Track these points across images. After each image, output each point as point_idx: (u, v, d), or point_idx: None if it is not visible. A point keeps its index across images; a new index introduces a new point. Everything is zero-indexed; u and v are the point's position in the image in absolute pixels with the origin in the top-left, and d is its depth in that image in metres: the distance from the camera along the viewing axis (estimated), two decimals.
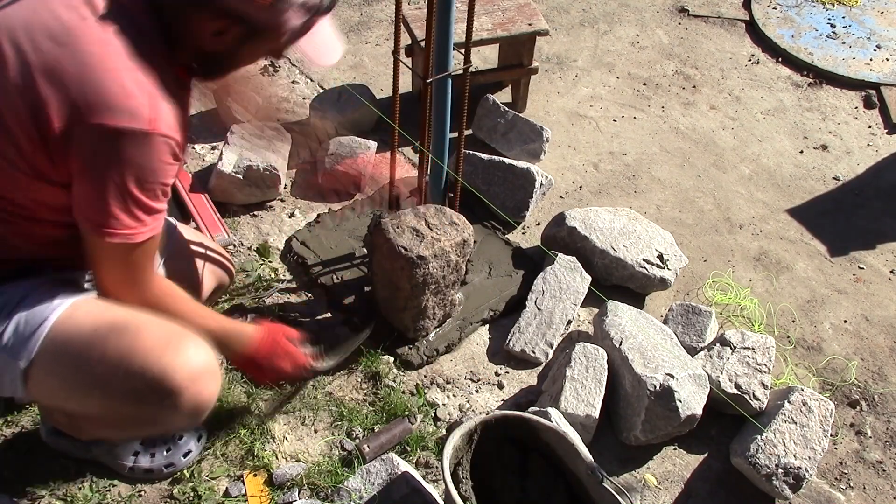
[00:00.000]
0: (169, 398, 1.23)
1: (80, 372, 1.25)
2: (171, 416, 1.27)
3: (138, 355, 1.22)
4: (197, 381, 1.25)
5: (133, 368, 1.22)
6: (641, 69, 3.45)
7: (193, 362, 1.25)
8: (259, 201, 2.51)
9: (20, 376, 1.25)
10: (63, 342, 1.25)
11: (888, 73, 3.47)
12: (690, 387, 1.86)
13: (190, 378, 1.24)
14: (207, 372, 1.28)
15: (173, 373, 1.22)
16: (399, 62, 1.98)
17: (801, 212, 2.79)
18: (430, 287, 1.95)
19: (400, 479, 1.66)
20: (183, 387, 1.23)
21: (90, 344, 1.24)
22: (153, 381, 1.22)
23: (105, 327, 1.25)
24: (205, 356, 1.28)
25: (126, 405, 1.26)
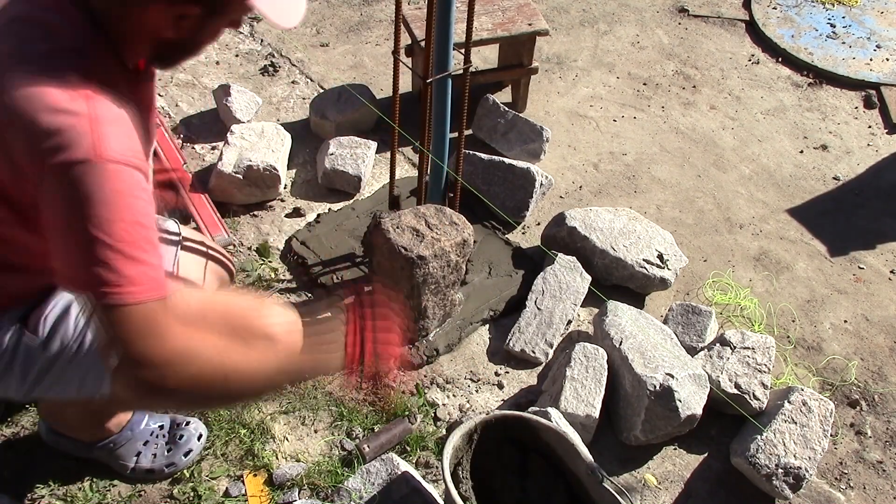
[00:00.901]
0: (272, 342, 1.29)
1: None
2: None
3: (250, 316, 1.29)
4: (292, 332, 1.32)
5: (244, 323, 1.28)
6: (641, 69, 3.45)
7: (286, 316, 1.33)
8: (259, 201, 2.51)
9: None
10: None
11: (888, 73, 3.47)
12: (690, 387, 1.86)
13: (286, 331, 1.31)
14: (297, 328, 1.34)
15: (272, 326, 1.30)
16: (399, 62, 1.98)
17: (801, 212, 2.79)
18: (430, 287, 1.95)
19: (400, 479, 1.66)
20: (280, 337, 1.30)
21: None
22: (260, 331, 1.28)
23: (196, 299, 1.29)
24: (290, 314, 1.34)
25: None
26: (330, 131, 2.76)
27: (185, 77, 3.07)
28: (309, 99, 2.96)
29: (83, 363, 1.28)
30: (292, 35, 3.43)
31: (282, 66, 3.19)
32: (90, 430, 1.66)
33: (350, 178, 2.55)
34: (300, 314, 1.37)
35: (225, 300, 1.37)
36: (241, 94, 2.78)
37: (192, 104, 2.94)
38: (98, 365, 1.27)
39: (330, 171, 2.55)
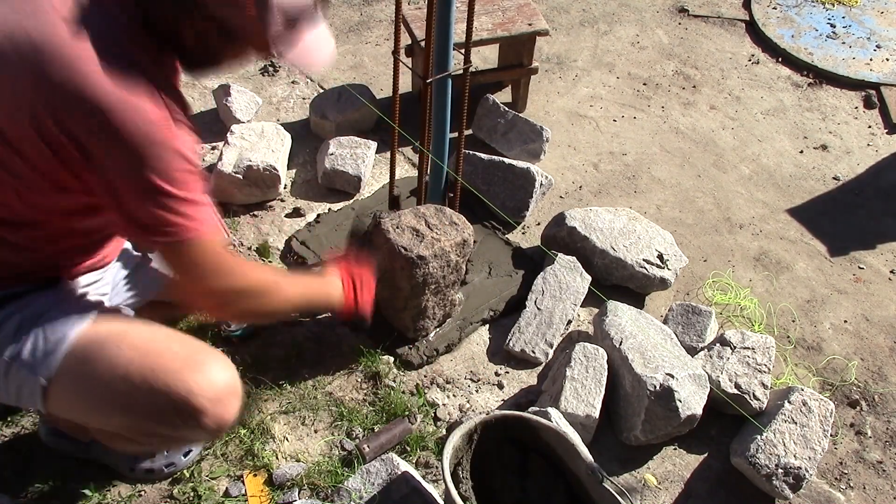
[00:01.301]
0: (192, 419, 1.22)
1: (102, 390, 1.23)
2: (193, 434, 1.27)
3: (161, 375, 1.21)
4: (220, 401, 1.24)
5: (157, 388, 1.20)
6: (641, 69, 3.45)
7: (217, 383, 1.25)
8: (259, 201, 2.51)
9: (40, 392, 1.24)
10: (84, 360, 1.23)
11: (888, 73, 3.47)
12: (690, 387, 1.86)
13: (214, 399, 1.23)
14: (230, 392, 1.27)
15: (198, 394, 1.21)
16: (399, 62, 1.98)
17: (801, 212, 2.79)
18: (430, 287, 1.95)
19: (400, 479, 1.66)
20: (207, 408, 1.22)
21: (112, 362, 1.22)
22: (177, 402, 1.20)
23: (126, 346, 1.24)
24: (227, 375, 1.28)
25: (148, 424, 1.25)
26: (330, 131, 2.76)
27: (185, 77, 3.07)
28: (309, 99, 2.96)
29: (16, 377, 1.24)
30: None
31: (282, 66, 3.19)
32: (85, 432, 1.65)
33: (350, 178, 2.55)
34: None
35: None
36: (241, 94, 2.78)
37: (192, 104, 2.94)
38: (27, 381, 1.24)
39: (330, 171, 2.55)
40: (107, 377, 1.22)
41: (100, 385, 1.23)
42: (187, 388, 1.20)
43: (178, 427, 1.23)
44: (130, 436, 1.32)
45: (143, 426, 1.25)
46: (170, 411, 1.21)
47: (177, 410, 1.21)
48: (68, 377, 1.23)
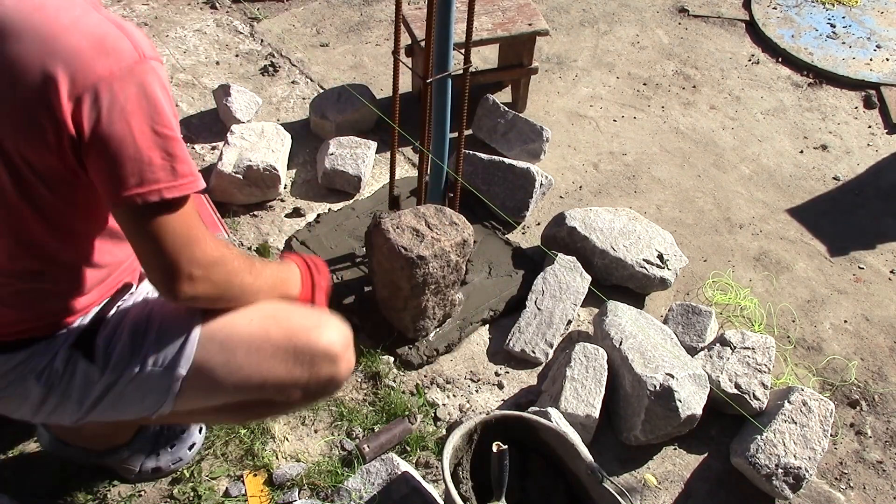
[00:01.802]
0: (334, 365, 1.34)
1: (250, 358, 1.29)
2: (330, 383, 1.37)
3: (301, 333, 1.32)
4: (348, 348, 1.37)
5: (300, 344, 1.31)
6: (641, 69, 3.45)
7: (343, 335, 1.37)
8: (259, 201, 2.52)
9: (176, 388, 1.28)
10: (223, 338, 1.29)
11: (888, 73, 3.47)
12: (690, 387, 1.86)
13: (344, 346, 1.36)
14: (350, 340, 1.39)
15: (335, 343, 1.34)
16: (399, 62, 1.98)
17: (801, 212, 2.79)
18: (430, 287, 1.95)
19: (400, 479, 1.66)
20: (342, 355, 1.35)
21: (252, 332, 1.30)
22: (321, 352, 1.32)
23: (258, 317, 1.31)
24: (347, 329, 1.39)
25: (293, 378, 1.33)
26: (330, 131, 2.76)
27: (185, 77, 3.08)
28: (309, 99, 2.96)
29: (143, 384, 1.27)
30: (292, 35, 3.43)
31: (282, 66, 3.19)
32: (107, 440, 1.65)
33: (350, 178, 2.55)
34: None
35: None
36: (241, 94, 2.78)
37: (192, 104, 2.94)
38: (159, 383, 1.27)
39: (330, 171, 2.55)
40: (251, 346, 1.30)
41: (245, 355, 1.30)
42: (327, 341, 1.33)
43: (320, 376, 1.34)
44: (273, 397, 1.36)
45: (289, 383, 1.33)
46: (315, 362, 1.32)
47: (321, 360, 1.33)
48: (209, 360, 1.28)
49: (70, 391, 1.26)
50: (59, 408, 1.28)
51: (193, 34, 3.34)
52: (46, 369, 1.25)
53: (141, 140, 1.07)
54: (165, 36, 3.31)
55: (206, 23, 3.43)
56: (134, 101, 1.06)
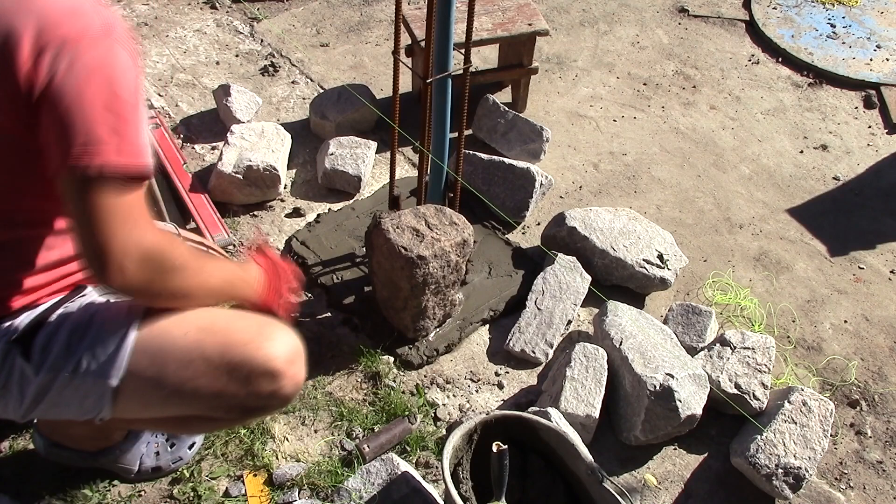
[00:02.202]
0: (273, 382, 1.27)
1: (178, 374, 1.25)
2: (272, 400, 1.31)
3: (237, 348, 1.25)
4: (293, 363, 1.29)
5: (235, 361, 1.25)
6: (641, 69, 3.45)
7: (288, 347, 1.30)
8: (259, 201, 2.51)
9: (110, 396, 1.25)
10: (152, 351, 1.25)
11: (888, 73, 3.47)
12: (690, 387, 1.86)
13: (288, 361, 1.28)
14: (298, 354, 1.32)
15: (274, 358, 1.26)
16: (399, 62, 1.98)
17: (801, 212, 2.79)
18: (430, 287, 1.95)
19: (400, 479, 1.66)
20: (285, 370, 1.27)
21: (183, 346, 1.25)
22: (258, 369, 1.25)
23: (191, 329, 1.26)
24: (293, 340, 1.32)
25: (229, 396, 1.28)
26: (330, 131, 2.76)
27: (185, 77, 3.08)
28: (309, 99, 2.96)
29: (80, 386, 1.25)
30: (292, 35, 3.43)
31: (282, 66, 3.19)
32: (96, 441, 1.65)
33: (350, 178, 2.55)
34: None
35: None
36: (241, 94, 2.78)
37: (192, 104, 2.94)
38: (93, 389, 1.24)
39: (330, 171, 2.55)
40: (182, 360, 1.25)
41: (176, 370, 1.25)
42: (265, 356, 1.26)
43: (259, 392, 1.27)
44: (208, 413, 1.32)
45: (224, 400, 1.28)
46: (251, 378, 1.26)
47: (258, 376, 1.26)
48: (140, 372, 1.25)
49: (10, 386, 1.24)
50: (2, 400, 1.26)
51: (193, 34, 3.34)
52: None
53: (91, 109, 1.05)
54: (165, 36, 3.31)
55: (206, 23, 3.43)
56: (93, 69, 1.06)
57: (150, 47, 3.22)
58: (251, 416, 1.38)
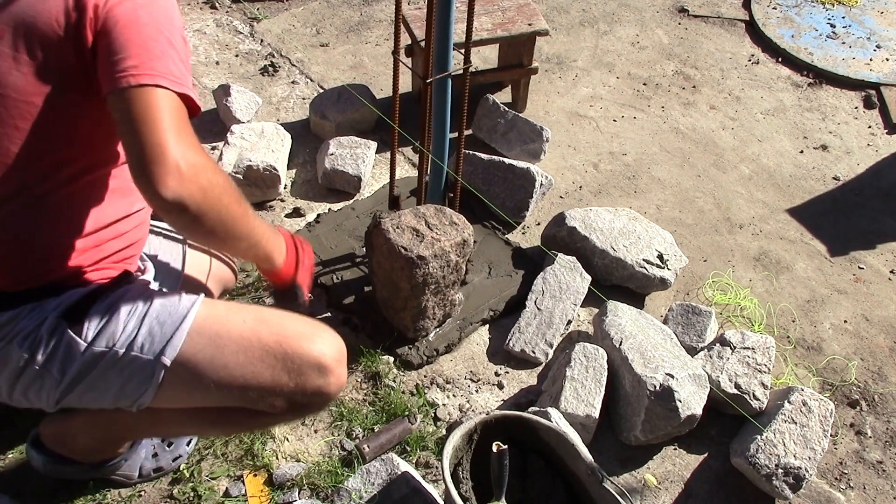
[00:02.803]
0: (323, 377, 1.30)
1: (238, 357, 1.26)
2: (316, 398, 1.33)
3: (293, 340, 1.29)
4: (341, 363, 1.33)
5: (290, 350, 1.28)
6: (641, 69, 3.45)
7: (337, 347, 1.34)
8: (259, 201, 2.52)
9: (159, 377, 1.24)
10: (214, 333, 1.27)
11: (888, 73, 3.47)
12: (690, 387, 1.86)
13: (336, 360, 1.32)
14: (344, 356, 1.36)
15: (327, 354, 1.30)
16: (399, 62, 1.98)
17: (801, 212, 2.79)
18: (430, 287, 1.95)
19: (400, 479, 1.66)
20: (333, 368, 1.31)
21: (244, 330, 1.28)
22: (311, 362, 1.29)
23: (250, 317, 1.30)
24: (340, 342, 1.36)
25: (276, 388, 1.29)
26: (330, 131, 2.76)
27: None
28: (309, 99, 2.96)
29: (126, 368, 1.24)
30: (292, 35, 3.43)
31: (282, 66, 3.19)
32: (100, 453, 1.63)
33: (350, 178, 2.55)
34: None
35: None
36: (241, 94, 2.78)
37: None
38: (143, 369, 1.24)
39: (330, 171, 2.55)
40: (240, 344, 1.27)
41: (233, 353, 1.27)
42: (319, 350, 1.30)
43: (306, 387, 1.30)
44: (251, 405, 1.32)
45: (271, 392, 1.29)
46: (302, 371, 1.29)
47: (309, 369, 1.29)
48: (195, 354, 1.25)
49: (51, 363, 1.22)
50: (38, 381, 1.24)
51: (193, 34, 3.34)
52: (32, 335, 1.22)
53: (147, 31, 1.13)
54: None
55: (206, 23, 3.43)
56: (151, 1, 1.16)
57: None
58: (295, 413, 1.38)
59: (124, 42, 1.12)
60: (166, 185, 1.05)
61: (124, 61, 1.11)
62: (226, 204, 1.15)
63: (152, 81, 1.10)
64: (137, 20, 1.14)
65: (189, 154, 1.08)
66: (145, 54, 1.11)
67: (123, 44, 1.12)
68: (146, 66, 1.10)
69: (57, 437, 1.60)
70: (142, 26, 1.13)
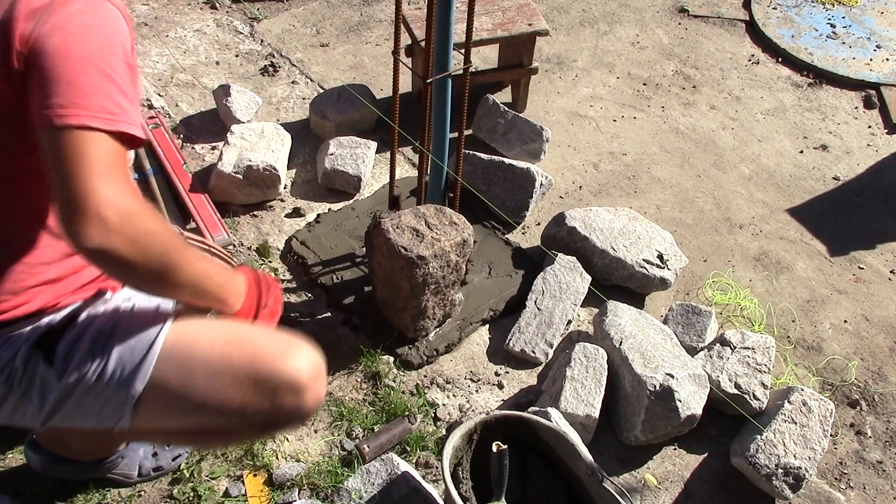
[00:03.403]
0: (297, 395, 1.26)
1: (208, 383, 1.24)
2: (293, 416, 1.29)
3: (265, 360, 1.24)
4: (316, 380, 1.29)
5: (262, 372, 1.24)
6: (641, 69, 3.45)
7: (313, 363, 1.29)
8: (259, 201, 2.51)
9: (133, 403, 1.23)
10: (179, 360, 1.24)
11: (888, 73, 3.47)
12: (690, 387, 1.86)
13: (312, 377, 1.27)
14: (321, 371, 1.31)
15: (301, 372, 1.25)
16: (399, 62, 1.98)
17: (801, 212, 2.79)
18: (430, 287, 1.95)
19: (400, 479, 1.66)
20: (309, 385, 1.26)
21: (213, 355, 1.24)
22: (284, 382, 1.24)
23: (221, 340, 1.26)
24: (317, 357, 1.31)
25: (254, 408, 1.26)
26: (330, 131, 2.76)
27: (185, 77, 3.08)
28: (309, 99, 2.96)
29: (102, 393, 1.23)
30: (292, 35, 3.43)
31: (282, 66, 3.19)
32: (96, 452, 1.63)
33: (350, 178, 2.55)
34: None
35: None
36: (241, 94, 2.78)
37: (192, 104, 2.94)
38: (115, 396, 1.23)
39: (330, 171, 2.55)
40: (209, 370, 1.23)
41: (203, 379, 1.24)
42: (292, 370, 1.25)
43: (282, 407, 1.26)
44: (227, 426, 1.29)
45: (247, 414, 1.26)
46: (277, 392, 1.24)
47: (283, 391, 1.24)
48: (165, 380, 1.23)
49: (30, 393, 1.21)
50: (20, 408, 1.23)
51: (193, 34, 3.34)
52: (7, 367, 1.20)
53: (77, 65, 1.04)
54: (165, 36, 3.31)
55: (206, 23, 3.43)
56: (86, 26, 1.06)
57: (150, 47, 3.22)
58: (270, 431, 1.36)
59: (51, 77, 1.04)
60: (86, 236, 1.00)
61: (50, 98, 1.03)
62: (160, 252, 1.08)
63: (79, 122, 1.01)
64: (67, 52, 1.04)
65: (118, 202, 1.01)
66: (73, 91, 1.03)
67: (50, 79, 1.03)
68: (73, 104, 1.02)
69: (52, 436, 1.61)
70: (71, 59, 1.04)
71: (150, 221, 1.06)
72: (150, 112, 2.78)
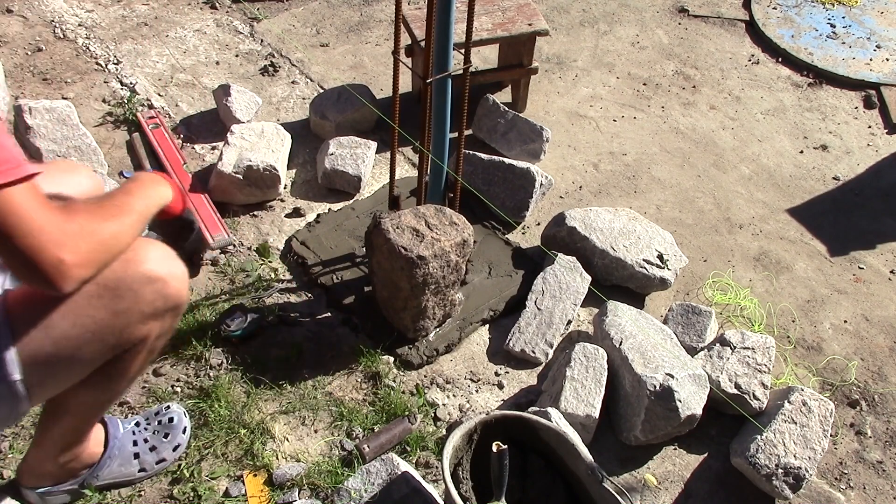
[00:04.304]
0: (157, 283, 1.28)
1: (70, 322, 1.22)
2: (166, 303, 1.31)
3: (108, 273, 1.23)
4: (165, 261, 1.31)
5: (111, 284, 1.24)
6: (641, 69, 3.45)
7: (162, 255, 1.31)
8: (259, 201, 2.51)
9: (22, 390, 1.22)
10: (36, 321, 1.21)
11: (888, 73, 3.47)
12: (690, 387, 1.86)
13: (164, 267, 1.30)
14: (168, 255, 1.33)
15: (150, 269, 1.28)
16: (399, 62, 1.98)
17: (801, 212, 2.79)
18: (430, 287, 1.95)
19: (400, 479, 1.66)
20: (160, 274, 1.29)
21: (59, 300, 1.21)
22: (139, 278, 1.26)
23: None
24: (160, 246, 1.33)
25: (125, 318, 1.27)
26: (330, 131, 2.76)
27: (185, 77, 3.08)
28: (309, 99, 2.96)
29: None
30: (292, 35, 3.43)
31: (282, 66, 3.19)
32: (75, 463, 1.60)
33: (350, 178, 2.55)
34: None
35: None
36: (241, 94, 2.78)
37: (192, 104, 2.94)
38: (3, 389, 1.20)
39: (330, 171, 2.55)
40: (65, 311, 1.22)
41: (63, 322, 1.22)
42: (135, 265, 1.26)
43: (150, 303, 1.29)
44: (124, 343, 1.30)
45: (124, 323, 1.27)
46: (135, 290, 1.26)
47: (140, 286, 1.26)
48: (35, 351, 1.22)
49: None
50: None
51: (193, 34, 3.34)
52: None
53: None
54: (165, 36, 3.31)
55: (206, 23, 3.43)
56: None
57: (150, 47, 3.22)
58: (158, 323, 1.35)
59: None
60: (60, 285, 1.09)
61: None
62: (106, 240, 1.17)
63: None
64: None
65: (64, 236, 1.08)
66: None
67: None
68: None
69: (30, 472, 1.59)
70: None
71: (87, 226, 1.13)
72: (151, 112, 2.79)
